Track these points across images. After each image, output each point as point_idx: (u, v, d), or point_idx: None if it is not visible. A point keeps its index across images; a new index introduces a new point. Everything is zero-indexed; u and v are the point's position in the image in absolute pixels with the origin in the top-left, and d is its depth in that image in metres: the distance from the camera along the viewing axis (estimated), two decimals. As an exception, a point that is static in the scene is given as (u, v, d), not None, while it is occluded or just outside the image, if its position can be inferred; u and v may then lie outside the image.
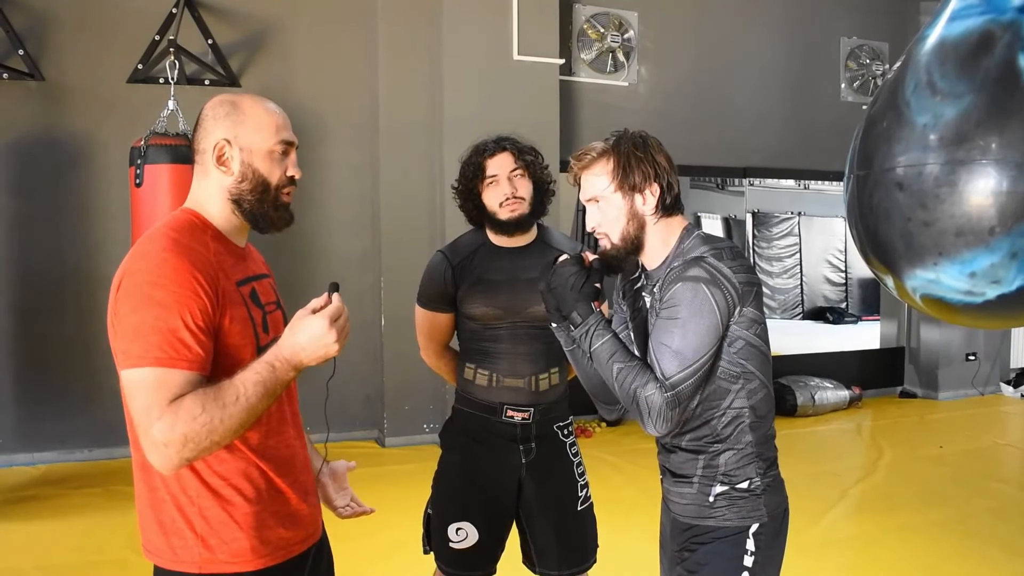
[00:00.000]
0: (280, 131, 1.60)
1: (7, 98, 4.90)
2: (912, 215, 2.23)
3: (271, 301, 1.65)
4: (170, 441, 1.35)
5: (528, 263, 2.32)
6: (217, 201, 1.59)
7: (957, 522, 4.00)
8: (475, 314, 2.33)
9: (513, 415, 2.32)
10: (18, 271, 4.97)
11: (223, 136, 1.57)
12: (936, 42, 2.34)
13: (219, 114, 1.60)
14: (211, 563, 1.49)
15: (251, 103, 1.61)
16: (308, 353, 1.43)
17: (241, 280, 1.57)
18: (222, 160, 1.57)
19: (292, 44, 5.44)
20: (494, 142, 2.31)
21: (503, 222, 2.28)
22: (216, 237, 1.57)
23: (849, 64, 7.02)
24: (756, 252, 7.82)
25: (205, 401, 1.37)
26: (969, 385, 7.09)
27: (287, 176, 1.61)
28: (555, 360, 2.37)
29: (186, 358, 1.39)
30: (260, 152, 1.58)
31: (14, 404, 4.96)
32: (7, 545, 3.80)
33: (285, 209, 1.62)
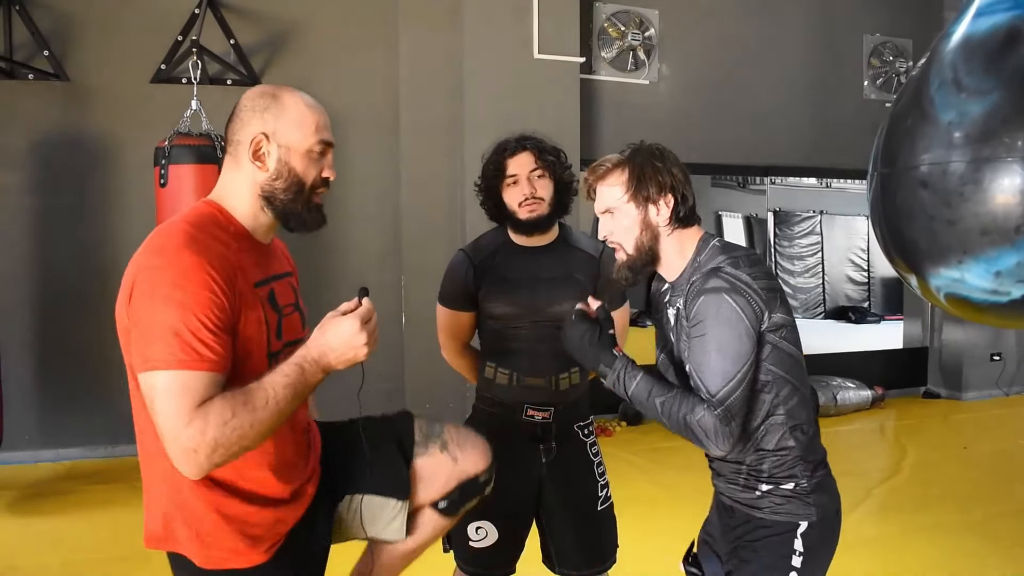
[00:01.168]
0: (320, 130, 1.55)
1: (32, 99, 4.95)
2: (936, 213, 2.21)
3: (289, 303, 1.62)
4: (200, 446, 1.33)
5: (549, 262, 2.32)
6: (246, 196, 1.55)
7: (982, 523, 3.96)
8: (496, 313, 2.32)
9: (534, 414, 2.32)
10: (42, 270, 5.03)
11: (261, 130, 1.52)
12: (961, 39, 2.32)
13: (258, 106, 1.54)
14: (207, 560, 1.50)
15: (293, 98, 1.55)
16: (337, 355, 1.42)
17: (260, 281, 1.52)
18: (258, 155, 1.53)
19: (314, 44, 5.46)
20: (516, 141, 2.28)
21: (522, 222, 2.27)
22: (238, 234, 1.53)
23: (872, 61, 6.96)
24: (778, 251, 7.77)
25: (235, 406, 1.35)
26: (994, 385, 7.01)
27: (322, 177, 1.57)
28: (575, 361, 2.37)
29: (208, 359, 1.36)
30: (299, 150, 1.53)
31: (39, 401, 5.02)
32: (32, 541, 3.84)
33: (318, 210, 1.58)
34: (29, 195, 5.00)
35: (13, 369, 4.67)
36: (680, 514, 4.17)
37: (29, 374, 4.98)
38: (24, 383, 4.91)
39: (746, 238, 7.53)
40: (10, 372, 4.33)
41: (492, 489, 1.94)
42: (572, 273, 2.33)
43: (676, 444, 5.50)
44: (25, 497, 4.40)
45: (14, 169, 4.95)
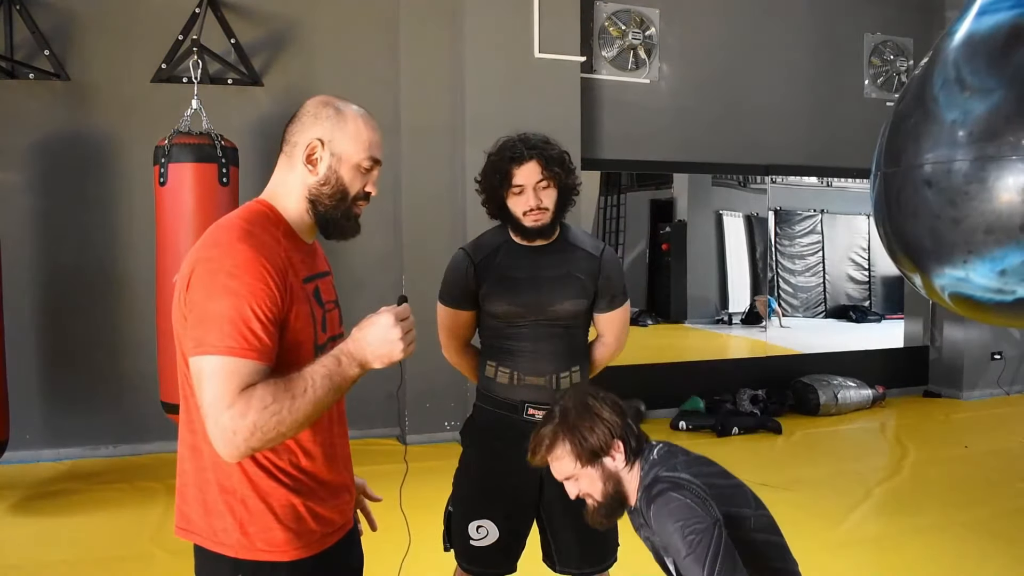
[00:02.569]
0: (372, 148, 1.64)
1: (33, 98, 4.95)
2: (941, 212, 2.20)
3: (331, 300, 1.69)
4: (239, 429, 1.37)
5: (550, 261, 2.32)
6: (295, 196, 1.62)
7: (983, 522, 3.96)
8: (497, 312, 2.32)
9: (534, 413, 2.30)
10: (44, 269, 5.02)
11: (318, 136, 1.60)
12: (965, 37, 2.31)
13: (321, 114, 1.62)
14: (248, 550, 1.51)
15: (354, 113, 1.64)
16: (373, 350, 1.47)
17: (307, 277, 1.60)
18: (311, 159, 1.60)
19: (314, 43, 5.46)
20: (524, 147, 2.24)
21: (526, 229, 2.27)
22: (287, 233, 1.59)
23: (873, 60, 6.95)
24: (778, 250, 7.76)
25: (276, 391, 1.39)
26: (995, 385, 7.01)
27: (364, 191, 1.65)
28: (577, 359, 2.37)
29: (256, 348, 1.41)
30: (349, 162, 1.61)
31: (41, 400, 5.01)
32: (34, 540, 3.84)
33: (355, 220, 1.66)
34: (30, 194, 5.00)
35: (15, 369, 4.66)
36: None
37: (31, 374, 4.97)
38: (26, 383, 4.90)
39: (747, 237, 7.53)
40: (12, 372, 4.33)
41: (494, 488, 1.95)
42: (573, 272, 2.33)
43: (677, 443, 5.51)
44: (27, 497, 4.39)
45: (15, 168, 4.95)
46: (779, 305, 7.70)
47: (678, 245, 7.23)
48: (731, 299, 7.55)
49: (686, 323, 7.33)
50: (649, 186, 7.20)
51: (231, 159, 4.19)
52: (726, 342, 7.43)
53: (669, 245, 7.24)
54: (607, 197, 7.10)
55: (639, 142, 6.26)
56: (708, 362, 6.74)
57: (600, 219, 7.08)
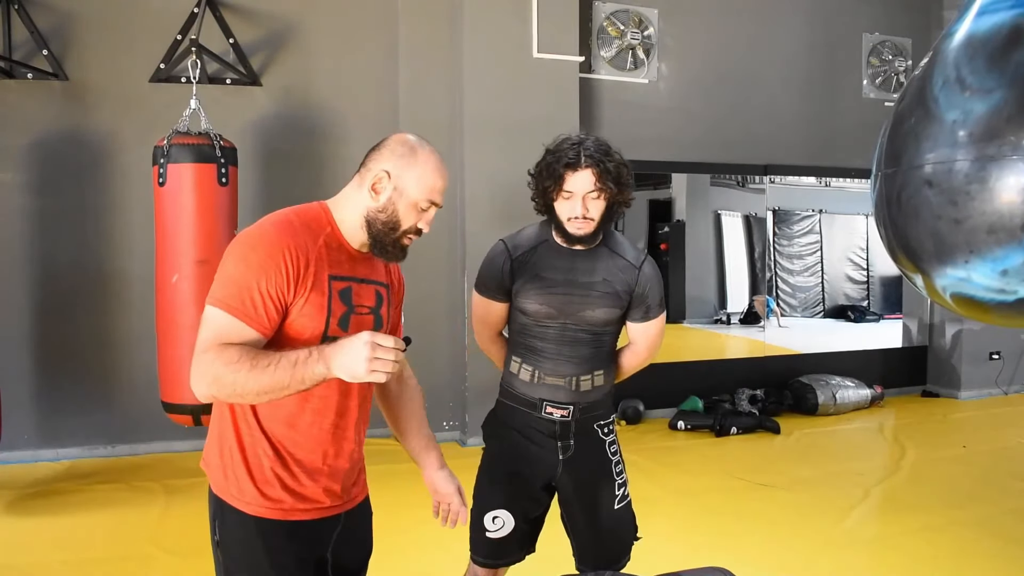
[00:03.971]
0: (434, 193, 1.78)
1: (31, 98, 4.94)
2: (942, 213, 2.20)
3: (367, 305, 1.82)
4: (204, 373, 1.57)
5: (588, 266, 2.32)
6: (355, 212, 1.78)
7: (982, 522, 3.96)
8: (528, 309, 2.33)
9: (552, 411, 2.33)
10: (41, 269, 5.01)
11: (387, 168, 1.76)
12: (964, 37, 2.31)
13: (398, 151, 1.78)
14: (225, 492, 1.74)
15: (427, 158, 1.78)
16: (340, 358, 1.55)
17: (339, 275, 1.75)
18: (375, 187, 1.76)
19: (313, 43, 5.45)
20: (583, 154, 2.20)
21: (568, 234, 2.27)
22: (333, 234, 1.76)
23: (872, 60, 6.96)
24: (777, 250, 7.76)
25: (242, 355, 1.56)
26: (993, 384, 7.02)
27: (417, 227, 1.80)
28: (601, 363, 2.38)
29: (250, 316, 1.60)
30: (409, 199, 1.76)
31: (38, 400, 5.01)
32: (32, 540, 3.83)
33: (402, 249, 1.82)
34: (28, 194, 4.99)
35: (12, 369, 4.66)
36: (680, 513, 4.18)
37: (28, 374, 4.97)
38: (23, 383, 4.90)
39: (745, 237, 7.53)
40: (9, 372, 4.33)
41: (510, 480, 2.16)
42: (609, 280, 2.32)
43: (675, 444, 5.54)
44: (24, 497, 4.39)
45: (13, 168, 4.94)
46: (777, 305, 7.70)
47: (676, 245, 7.23)
48: (729, 299, 7.55)
49: (684, 323, 7.33)
50: (647, 186, 7.19)
51: (230, 159, 4.18)
52: (724, 342, 7.44)
53: (667, 245, 7.23)
54: (605, 197, 7.09)
55: (637, 142, 6.25)
56: (706, 362, 6.75)
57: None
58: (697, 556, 3.60)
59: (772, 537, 3.82)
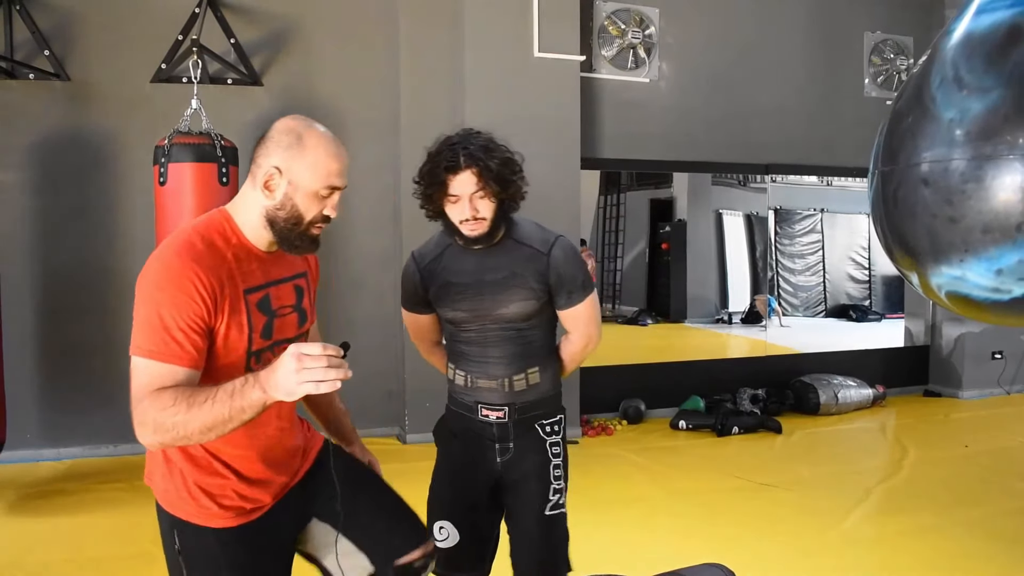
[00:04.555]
0: (331, 177, 1.69)
1: (33, 98, 4.95)
2: (938, 211, 2.20)
3: (286, 305, 1.78)
4: (144, 423, 1.54)
5: (494, 263, 2.22)
6: (254, 214, 1.70)
7: (984, 522, 3.96)
8: (447, 316, 2.30)
9: (488, 414, 2.26)
10: (44, 269, 5.03)
11: (277, 164, 1.66)
12: (963, 36, 2.32)
13: (283, 142, 1.68)
14: (178, 509, 1.76)
15: (316, 142, 1.68)
16: (273, 383, 1.49)
17: (254, 287, 1.69)
18: (268, 185, 1.67)
19: (314, 43, 5.46)
20: (462, 155, 2.10)
21: (466, 237, 2.19)
22: (240, 244, 1.69)
23: (873, 59, 6.95)
24: (778, 249, 7.75)
25: (179, 396, 1.52)
26: (995, 384, 7.01)
27: (323, 215, 1.71)
28: (534, 361, 2.28)
29: (176, 354, 1.56)
30: (306, 191, 1.67)
31: (40, 400, 5.02)
32: (34, 539, 3.84)
33: (311, 240, 1.73)
34: (30, 194, 5.00)
35: (14, 368, 4.66)
36: (681, 513, 4.17)
37: (30, 373, 4.98)
38: (25, 382, 4.91)
39: (747, 236, 7.52)
40: (11, 371, 4.33)
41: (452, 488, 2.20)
42: (518, 272, 2.22)
43: (676, 443, 5.54)
44: (27, 496, 4.40)
45: (15, 168, 4.95)
46: (779, 304, 7.68)
47: (678, 244, 7.22)
48: (731, 298, 7.54)
49: (686, 322, 7.32)
50: (649, 185, 7.19)
51: (231, 159, 4.19)
52: (726, 341, 7.43)
53: (669, 244, 7.23)
54: (607, 196, 7.10)
55: (639, 141, 6.26)
56: (708, 361, 6.74)
57: (600, 218, 7.07)
58: (698, 556, 3.60)
59: (774, 537, 3.82)
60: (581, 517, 2.25)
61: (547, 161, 5.57)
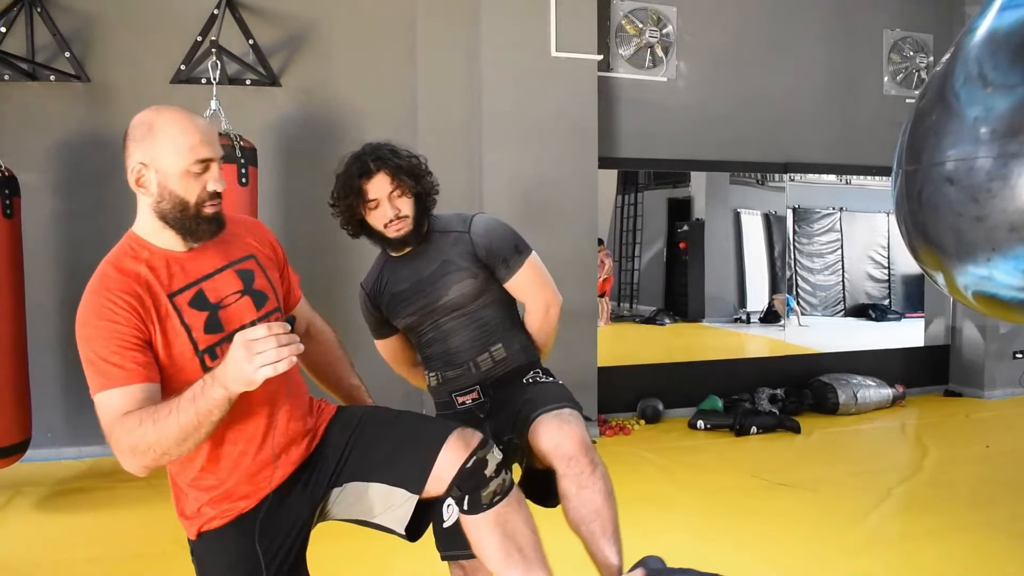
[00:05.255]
0: (196, 150, 1.65)
1: (54, 100, 5.00)
2: (963, 210, 2.18)
3: (232, 293, 1.75)
4: (122, 451, 1.54)
5: (426, 259, 2.33)
6: (148, 218, 1.70)
7: (1005, 523, 3.92)
8: (403, 327, 2.38)
9: (464, 399, 2.34)
10: (65, 270, 5.06)
11: (140, 160, 1.65)
12: (987, 33, 2.29)
13: (136, 135, 1.67)
14: (176, 504, 1.82)
15: (168, 122, 1.66)
16: (230, 375, 1.47)
17: (179, 289, 1.68)
18: (140, 183, 1.67)
19: (332, 43, 5.48)
20: (370, 160, 2.23)
21: (391, 240, 2.29)
22: (152, 256, 1.69)
23: (892, 57, 6.90)
24: (797, 248, 7.72)
25: (143, 416, 1.52)
26: (1017, 384, 6.94)
27: (208, 192, 1.68)
28: (494, 337, 2.33)
29: (121, 376, 1.56)
30: (175, 174, 1.64)
31: (62, 399, 5.06)
32: (55, 537, 3.88)
33: (208, 221, 1.70)
34: (51, 196, 5.04)
35: (37, 368, 4.70)
36: (699, 512, 4.16)
37: (53, 373, 5.02)
38: (48, 381, 4.95)
39: (765, 235, 7.49)
40: (34, 371, 4.37)
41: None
42: (448, 259, 2.31)
43: (694, 443, 5.52)
44: (50, 495, 4.44)
45: (37, 170, 4.99)
46: (798, 304, 7.65)
47: (696, 244, 7.20)
48: (749, 298, 7.52)
49: (704, 322, 7.30)
50: (666, 184, 7.18)
51: (250, 159, 4.21)
52: (744, 341, 7.40)
53: (687, 244, 7.21)
54: (624, 196, 7.09)
55: (656, 140, 6.24)
56: (726, 361, 6.72)
57: (617, 218, 7.07)
58: (717, 555, 3.59)
59: (792, 537, 3.80)
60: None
61: (564, 160, 5.57)
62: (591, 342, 5.63)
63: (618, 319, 7.10)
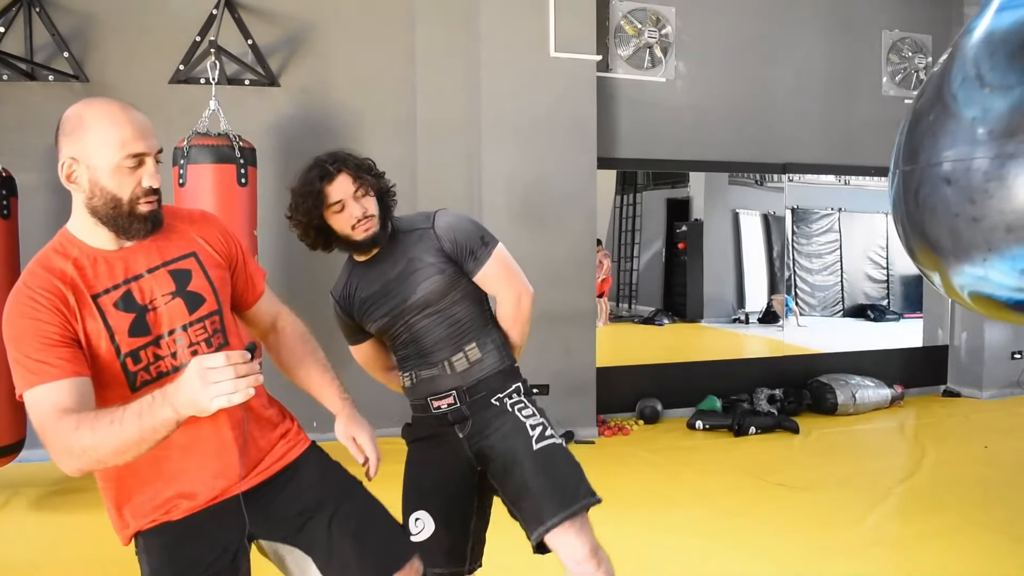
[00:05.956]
0: (127, 144, 1.58)
1: (53, 100, 4.99)
2: (960, 211, 2.18)
3: (165, 293, 1.69)
4: (56, 451, 1.49)
5: (391, 261, 2.29)
6: (81, 215, 1.64)
7: (1004, 524, 3.92)
8: (375, 331, 2.34)
9: (439, 404, 2.28)
10: (64, 269, 5.06)
11: (70, 155, 1.58)
12: (984, 34, 2.29)
13: (66, 129, 1.59)
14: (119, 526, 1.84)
15: (97, 116, 1.58)
16: (182, 399, 1.40)
17: (105, 290, 1.62)
18: (70, 178, 1.60)
19: (331, 43, 5.48)
20: (330, 164, 2.20)
21: (360, 242, 2.22)
22: (82, 254, 1.63)
23: (891, 57, 6.91)
24: (796, 249, 7.72)
25: (82, 421, 1.45)
26: (1015, 384, 6.95)
27: (143, 188, 1.61)
28: (468, 336, 2.28)
29: (47, 372, 1.51)
30: (105, 169, 1.58)
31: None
32: (55, 537, 3.88)
33: (143, 219, 1.63)
34: (50, 196, 5.03)
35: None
36: (697, 513, 4.16)
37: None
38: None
39: (764, 236, 7.50)
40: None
41: (423, 478, 2.12)
42: (415, 257, 2.26)
43: (693, 443, 5.52)
44: (48, 494, 4.44)
45: (35, 170, 4.99)
46: (796, 304, 7.65)
47: (694, 244, 7.21)
48: (748, 298, 7.52)
49: (702, 322, 7.30)
50: (665, 185, 7.18)
51: (249, 160, 4.22)
52: (743, 341, 7.40)
53: (685, 244, 7.22)
54: (623, 196, 7.09)
55: (655, 141, 6.25)
56: (725, 361, 6.72)
57: (616, 218, 7.07)
58: (716, 556, 3.59)
59: (791, 538, 3.80)
60: (597, 517, 2.24)
61: (563, 161, 5.57)
62: (590, 342, 5.64)
63: (617, 319, 7.10)
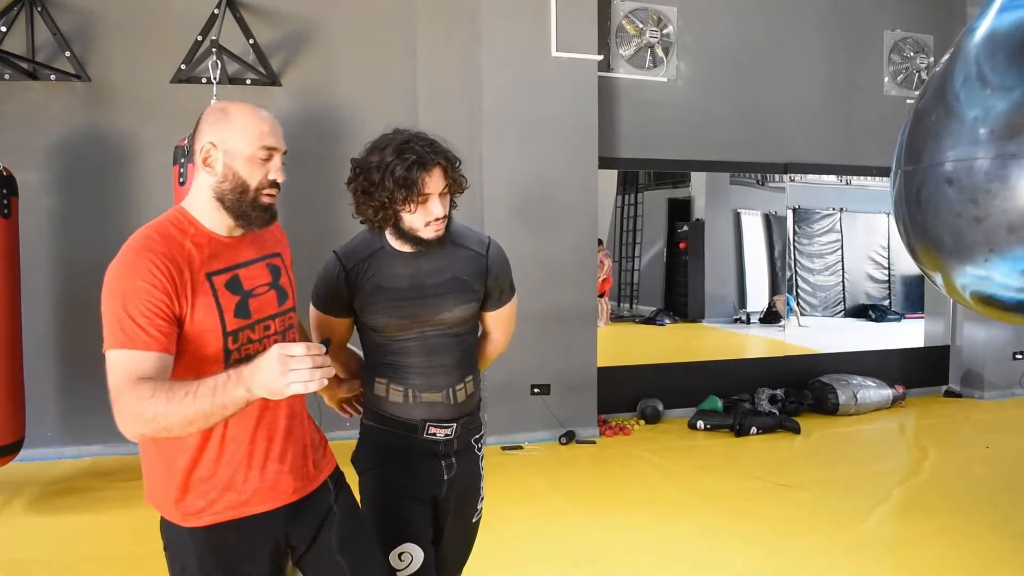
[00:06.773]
0: (264, 138, 1.74)
1: (54, 99, 5.00)
2: (962, 211, 2.18)
3: (261, 284, 1.80)
4: (123, 413, 1.54)
5: (433, 265, 2.10)
6: (203, 198, 1.75)
7: (1005, 524, 3.92)
8: (377, 325, 2.10)
9: (436, 432, 2.14)
10: (64, 269, 5.07)
11: (209, 140, 1.73)
12: (986, 34, 2.29)
13: (210, 119, 1.75)
14: (164, 509, 1.87)
15: (240, 111, 1.75)
16: (258, 381, 1.48)
17: (218, 270, 1.72)
18: (207, 161, 1.73)
19: (332, 43, 5.48)
20: (430, 151, 1.99)
21: (425, 241, 2.04)
22: (197, 233, 1.73)
23: (893, 57, 6.90)
24: (797, 249, 7.72)
25: (157, 389, 1.52)
26: (1016, 384, 6.94)
27: (268, 179, 1.75)
28: (470, 368, 2.20)
29: (143, 340, 1.59)
30: (241, 156, 1.72)
31: (62, 398, 5.06)
32: (55, 536, 3.88)
33: (264, 209, 1.77)
34: (51, 194, 5.05)
35: (35, 367, 4.71)
36: (698, 513, 4.16)
37: (51, 372, 5.02)
38: (46, 381, 4.96)
39: (765, 236, 7.50)
40: (32, 370, 4.37)
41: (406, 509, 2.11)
42: (459, 275, 2.12)
43: (694, 443, 5.52)
44: (47, 494, 4.44)
45: (36, 168, 5.00)
46: (797, 304, 7.65)
47: (696, 244, 7.21)
48: (749, 298, 7.52)
49: (704, 322, 7.30)
50: (666, 185, 7.18)
51: (250, 159, 4.21)
52: (744, 341, 7.40)
53: (687, 244, 7.22)
54: (624, 196, 7.09)
55: (656, 141, 6.24)
56: (726, 361, 6.72)
57: (617, 218, 7.07)
58: (716, 556, 3.59)
59: (792, 537, 3.80)
60: (598, 517, 2.23)
61: (564, 160, 5.57)
62: (591, 342, 5.63)
63: (618, 319, 7.10)
